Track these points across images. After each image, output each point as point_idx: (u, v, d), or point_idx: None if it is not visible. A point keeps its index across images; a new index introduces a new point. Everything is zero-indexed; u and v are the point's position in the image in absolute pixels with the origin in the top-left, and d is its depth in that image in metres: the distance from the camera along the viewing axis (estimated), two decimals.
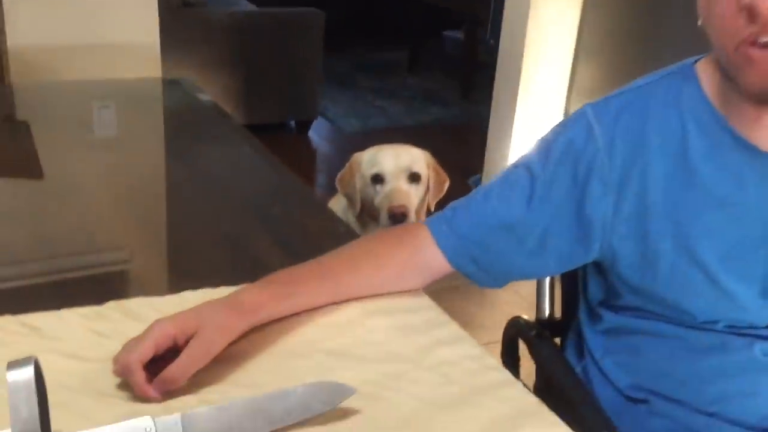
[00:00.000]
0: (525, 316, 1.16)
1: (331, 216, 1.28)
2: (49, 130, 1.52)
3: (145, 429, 0.67)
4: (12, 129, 1.53)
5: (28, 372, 0.59)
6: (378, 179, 1.85)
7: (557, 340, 1.14)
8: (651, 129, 0.89)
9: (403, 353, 0.84)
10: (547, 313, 1.16)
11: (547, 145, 0.95)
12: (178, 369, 0.73)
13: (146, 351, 0.73)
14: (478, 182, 2.95)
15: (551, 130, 0.97)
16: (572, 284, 1.11)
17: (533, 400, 0.78)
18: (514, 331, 1.14)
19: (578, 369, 1.05)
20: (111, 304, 0.88)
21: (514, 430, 0.73)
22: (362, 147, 1.88)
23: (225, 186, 1.30)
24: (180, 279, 1.00)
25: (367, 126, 4.04)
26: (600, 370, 1.02)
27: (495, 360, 0.85)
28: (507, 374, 0.82)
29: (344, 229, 1.20)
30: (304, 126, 3.90)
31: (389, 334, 0.87)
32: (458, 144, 1.98)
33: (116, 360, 0.75)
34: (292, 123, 3.91)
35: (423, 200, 1.91)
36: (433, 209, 1.95)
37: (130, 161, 1.41)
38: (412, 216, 1.83)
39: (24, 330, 0.82)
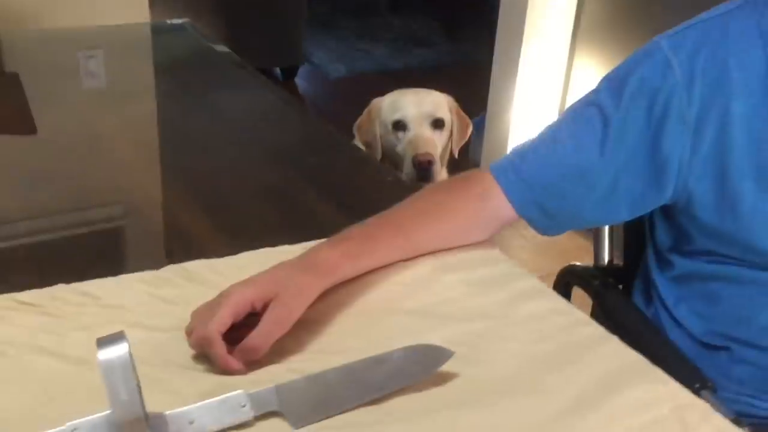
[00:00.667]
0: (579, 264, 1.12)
1: (375, 165, 1.21)
2: (40, 81, 1.41)
3: (240, 404, 0.62)
4: (2, 82, 1.42)
5: (122, 349, 0.53)
6: (400, 126, 1.78)
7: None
8: (733, 63, 0.83)
9: (487, 310, 0.79)
10: (606, 260, 1.11)
11: (618, 83, 0.88)
12: (260, 337, 0.68)
13: (225, 320, 0.67)
14: (482, 123, 2.88)
15: (621, 66, 0.90)
16: (636, 229, 1.07)
17: (636, 356, 0.73)
18: (570, 279, 1.10)
19: (648, 316, 1.01)
20: (170, 268, 0.82)
21: (625, 388, 0.68)
22: (351, 93, 1.81)
23: (255, 137, 1.23)
24: (228, 236, 0.94)
25: (353, 70, 3.93)
26: (672, 317, 0.98)
27: (583, 314, 0.81)
28: (600, 329, 0.77)
29: (392, 178, 1.13)
30: (291, 73, 3.80)
31: (467, 290, 0.82)
32: (451, 86, 1.90)
33: (192, 331, 0.70)
34: (278, 71, 3.79)
35: (446, 147, 1.84)
36: (456, 155, 1.89)
37: (144, 112, 1.32)
38: (437, 164, 1.77)
39: (83, 299, 0.75)
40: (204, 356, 0.69)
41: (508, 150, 3.04)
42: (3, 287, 0.75)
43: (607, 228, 1.11)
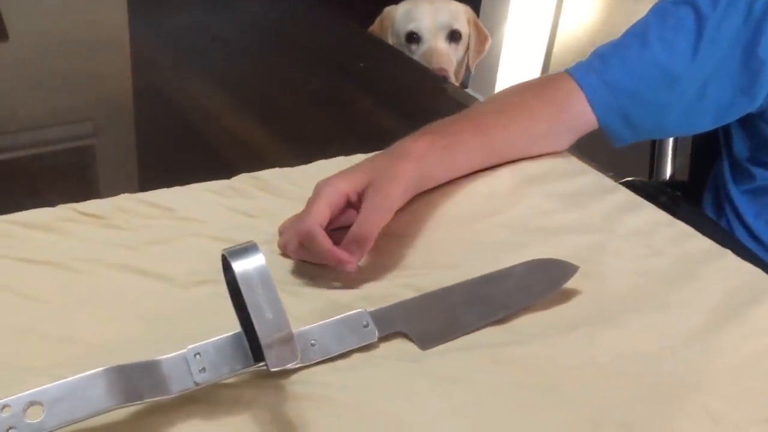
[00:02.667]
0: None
1: (425, 70, 1.12)
2: None
3: (363, 324, 0.55)
4: None
5: (258, 260, 0.45)
6: (413, 37, 1.69)
7: None
8: None
9: (588, 223, 0.73)
10: (668, 174, 1.07)
11: None
12: (365, 223, 0.61)
13: (322, 212, 0.60)
14: None
15: None
16: (707, 140, 1.01)
17: (755, 271, 0.69)
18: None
19: None
20: (242, 177, 0.73)
21: (753, 304, 0.64)
22: None
23: (293, 42, 1.12)
24: (289, 146, 0.85)
25: None
26: (750, 232, 0.94)
27: (688, 226, 0.75)
28: (709, 242, 0.73)
29: (446, 85, 1.05)
30: None
31: (559, 203, 0.76)
32: None
33: (288, 230, 0.63)
34: None
35: (462, 61, 1.76)
36: (473, 71, 1.80)
37: (140, 13, 1.19)
38: (452, 80, 1.69)
39: (153, 211, 0.67)
40: (304, 271, 0.62)
41: (498, 73, 2.93)
42: None
43: (671, 140, 1.06)
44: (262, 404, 0.49)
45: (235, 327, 0.50)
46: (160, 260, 0.61)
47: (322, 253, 0.60)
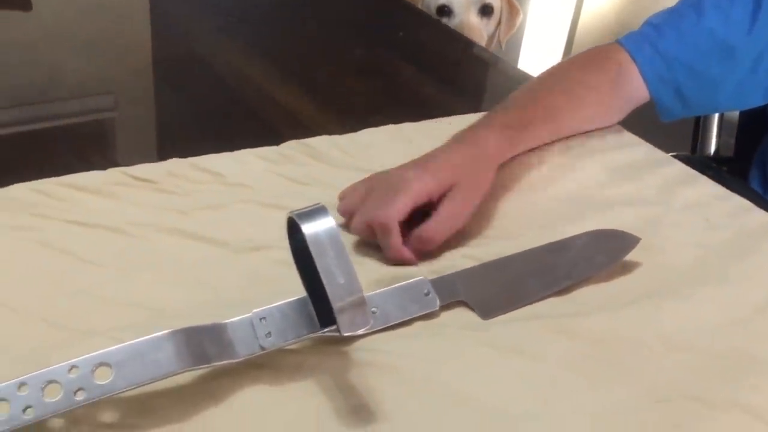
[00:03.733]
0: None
1: (465, 40, 1.10)
2: None
3: (424, 292, 0.54)
4: None
5: (328, 223, 0.44)
6: (444, 11, 1.66)
7: None
8: None
9: (644, 195, 0.72)
10: (713, 149, 1.04)
11: None
12: (437, 228, 0.59)
13: (404, 209, 0.58)
14: None
15: None
16: (755, 114, 0.99)
17: None
18: None
19: None
20: (291, 144, 0.72)
21: None
22: None
23: (329, 11, 1.09)
24: (335, 114, 0.83)
25: None
26: None
27: (743, 198, 0.73)
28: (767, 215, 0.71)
29: (487, 55, 1.03)
30: None
31: (612, 176, 0.74)
32: None
33: (345, 212, 0.61)
34: None
35: (493, 36, 1.73)
36: (503, 47, 1.78)
37: None
38: None
39: (204, 176, 0.66)
40: (362, 240, 0.60)
41: (522, 48, 2.88)
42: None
43: (717, 116, 1.04)
44: (326, 370, 0.48)
45: (292, 293, 0.49)
46: (213, 226, 0.60)
47: (391, 247, 0.58)
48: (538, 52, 2.66)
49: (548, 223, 0.65)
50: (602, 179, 0.74)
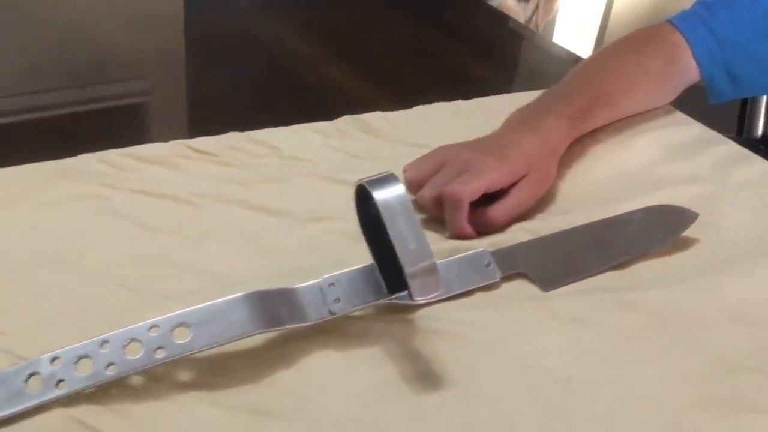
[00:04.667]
0: None
1: (510, 20, 1.09)
2: None
3: (485, 263, 0.54)
4: None
5: (398, 190, 0.45)
6: None
7: None
8: None
9: (699, 173, 0.71)
10: (760, 132, 1.03)
11: None
12: (502, 213, 0.60)
13: (477, 192, 0.58)
14: None
15: None
16: None
17: None
18: None
19: None
20: (345, 119, 0.73)
21: None
22: None
23: None
24: (387, 91, 0.84)
25: None
26: None
27: None
28: None
29: (533, 35, 1.03)
30: None
31: (665, 154, 0.74)
32: None
33: (434, 183, 0.60)
34: None
35: (529, 20, 1.72)
36: (541, 30, 1.77)
37: None
38: None
39: (262, 149, 0.67)
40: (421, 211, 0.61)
41: (555, 33, 2.87)
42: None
43: (765, 98, 1.03)
44: (392, 337, 0.49)
45: (353, 263, 0.50)
46: (273, 197, 0.61)
47: (456, 222, 0.58)
48: (571, 36, 2.64)
49: (604, 200, 0.65)
50: (656, 157, 0.74)
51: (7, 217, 0.56)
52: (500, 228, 0.61)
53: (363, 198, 0.48)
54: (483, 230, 0.60)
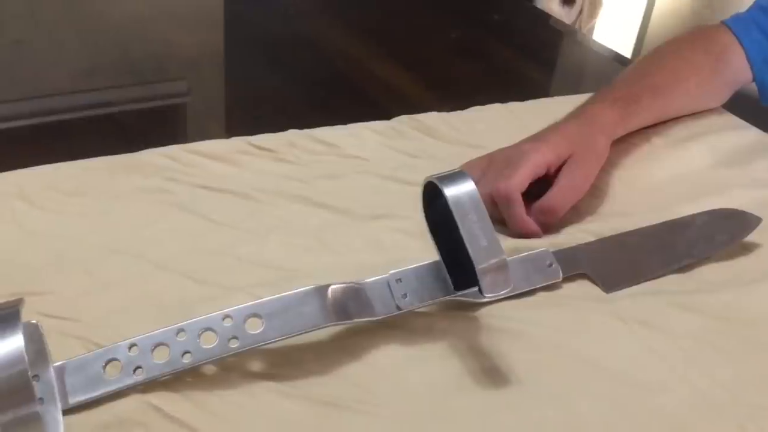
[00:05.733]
0: None
1: (558, 23, 1.09)
2: None
3: (546, 263, 0.54)
4: None
5: (469, 186, 0.45)
6: None
7: None
8: None
9: (757, 177, 0.70)
10: None
11: None
12: (560, 196, 0.59)
13: (524, 179, 0.58)
14: None
15: None
16: None
17: None
18: None
19: None
20: (401, 119, 0.73)
21: None
22: None
23: None
24: (439, 93, 0.84)
25: None
26: None
27: None
28: None
29: (581, 38, 1.02)
30: None
31: (725, 157, 0.72)
32: None
33: (483, 183, 0.59)
34: None
35: (573, 24, 1.72)
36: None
37: None
38: None
39: (322, 147, 0.67)
40: None
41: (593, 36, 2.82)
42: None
43: None
44: (456, 333, 0.49)
45: (413, 261, 0.50)
46: (333, 194, 0.62)
47: (514, 218, 0.58)
48: (611, 38, 2.62)
49: (663, 203, 0.65)
50: (714, 161, 0.73)
51: (78, 207, 0.57)
52: (562, 216, 0.60)
53: (431, 195, 0.48)
54: (546, 222, 0.59)
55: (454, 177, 0.46)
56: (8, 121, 0.72)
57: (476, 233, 0.44)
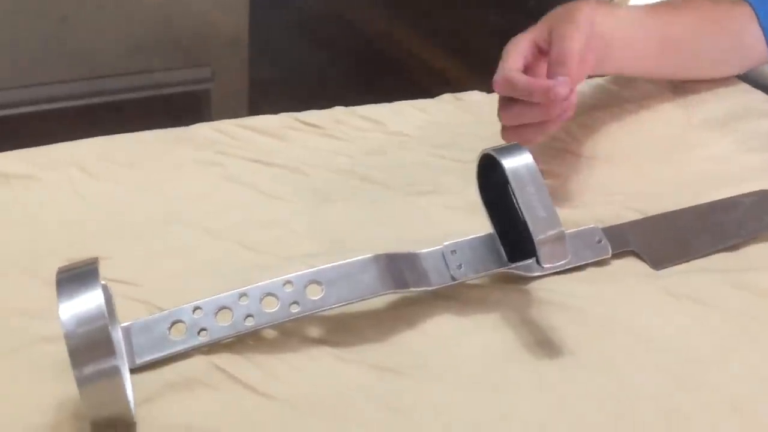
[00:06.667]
0: None
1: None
2: None
3: (596, 239, 0.55)
4: None
5: (527, 159, 0.45)
6: None
7: None
8: None
9: None
10: None
11: None
12: (561, 45, 0.58)
13: (514, 60, 0.59)
14: None
15: None
16: None
17: None
18: None
19: None
20: (444, 97, 0.74)
21: None
22: None
23: None
24: (480, 75, 0.84)
25: None
26: None
27: None
28: None
29: None
30: None
31: (763, 141, 0.73)
32: None
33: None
34: None
35: None
36: None
37: None
38: None
39: (367, 124, 0.68)
40: None
41: None
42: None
43: None
44: (509, 305, 0.50)
45: (462, 234, 0.50)
46: (381, 170, 0.62)
47: (528, 87, 0.57)
48: None
49: (699, 184, 0.64)
50: (751, 144, 0.72)
51: (132, 178, 0.58)
52: (573, 56, 0.58)
53: (485, 168, 0.49)
54: (562, 70, 0.57)
55: (511, 149, 0.46)
56: (58, 101, 0.73)
57: (534, 204, 0.44)
